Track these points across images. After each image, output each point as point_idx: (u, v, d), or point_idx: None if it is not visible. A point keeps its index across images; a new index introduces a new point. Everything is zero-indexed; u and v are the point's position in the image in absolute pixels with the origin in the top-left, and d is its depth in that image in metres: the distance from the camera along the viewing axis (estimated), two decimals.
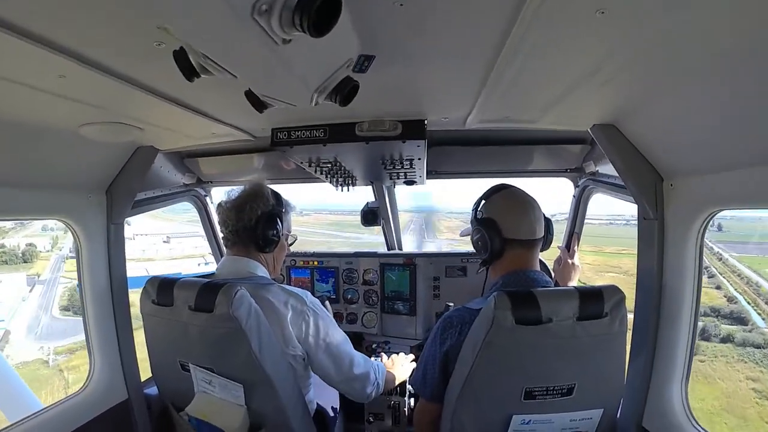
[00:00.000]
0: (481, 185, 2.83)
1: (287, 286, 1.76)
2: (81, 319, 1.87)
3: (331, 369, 1.76)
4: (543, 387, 1.38)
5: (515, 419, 1.42)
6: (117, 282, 1.90)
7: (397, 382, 2.22)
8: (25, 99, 1.18)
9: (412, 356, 2.39)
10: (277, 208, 1.82)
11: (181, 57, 0.91)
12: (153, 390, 2.00)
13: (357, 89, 1.12)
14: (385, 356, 2.42)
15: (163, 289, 1.59)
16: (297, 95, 1.06)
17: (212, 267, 2.50)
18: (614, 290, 1.38)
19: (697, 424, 1.47)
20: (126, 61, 1.04)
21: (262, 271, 1.80)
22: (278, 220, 1.79)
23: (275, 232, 1.78)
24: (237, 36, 0.75)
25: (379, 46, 1.05)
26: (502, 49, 1.02)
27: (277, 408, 1.60)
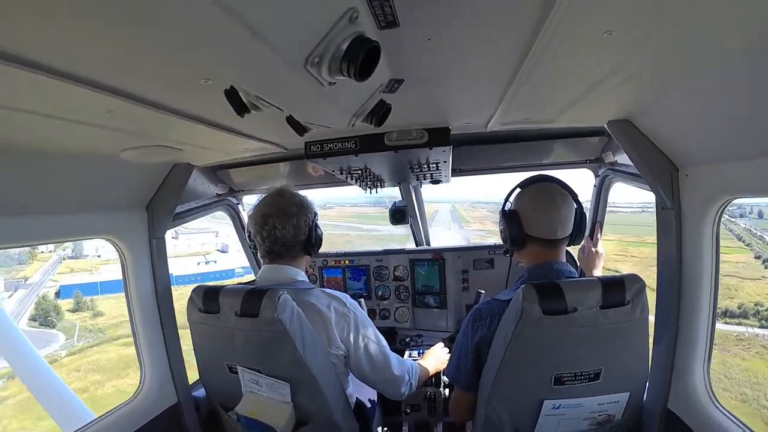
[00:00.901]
0: (504, 176, 2.94)
1: (328, 290, 1.86)
2: (47, 331, 1.94)
3: (367, 368, 1.85)
4: (571, 373, 1.46)
5: (546, 404, 1.49)
6: (162, 291, 1.99)
7: (432, 372, 2.31)
8: (73, 132, 1.24)
9: (446, 349, 2.45)
10: (316, 213, 1.93)
11: (232, 95, 0.98)
12: (200, 392, 2.11)
13: (390, 110, 1.20)
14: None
15: (208, 297, 1.68)
16: (337, 120, 1.15)
17: (212, 266, 2.60)
18: (635, 279, 1.44)
19: (720, 405, 1.53)
20: (170, 95, 1.10)
21: (302, 277, 1.90)
22: (317, 222, 1.92)
23: (320, 234, 1.92)
24: (289, 83, 0.84)
25: (408, 72, 1.13)
26: (522, 66, 1.08)
27: (322, 404, 1.70)
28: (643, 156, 1.63)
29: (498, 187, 2.78)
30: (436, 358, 2.39)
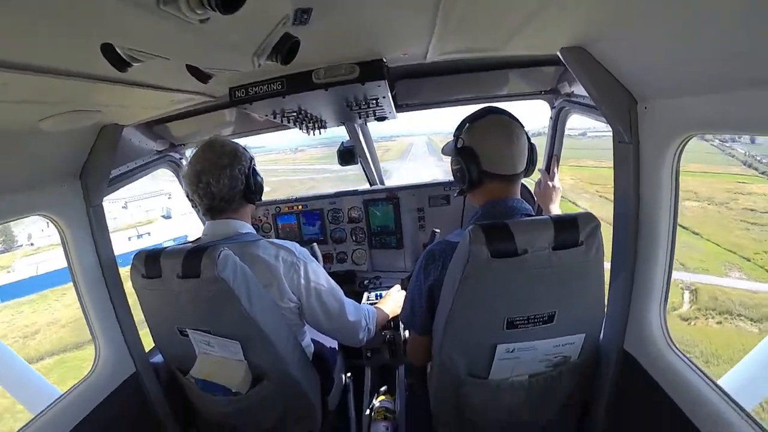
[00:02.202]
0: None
1: (276, 240, 1.80)
2: None
3: (322, 317, 1.83)
4: (524, 316, 1.42)
5: (500, 348, 1.48)
6: (106, 262, 1.92)
7: (390, 316, 2.32)
8: None
9: (403, 291, 2.45)
10: (252, 158, 1.84)
11: (108, 50, 0.87)
12: (159, 358, 2.10)
13: (298, 45, 1.07)
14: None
15: (150, 261, 1.62)
16: (236, 62, 1.03)
17: (146, 241, 2.50)
18: (589, 218, 1.37)
19: (675, 347, 1.52)
20: (68, 59, 1.00)
21: (247, 228, 1.83)
22: (255, 168, 1.84)
23: (259, 180, 1.85)
24: (152, 27, 0.72)
25: None
26: None
27: (276, 359, 1.68)
28: (599, 87, 1.52)
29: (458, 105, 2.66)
30: (393, 301, 2.39)
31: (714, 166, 26.00)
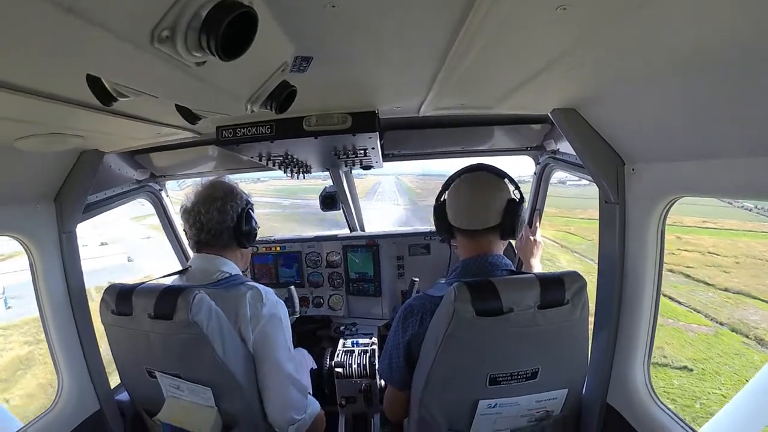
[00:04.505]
0: None
1: (259, 286, 1.73)
2: None
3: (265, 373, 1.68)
4: (507, 373, 1.41)
5: (481, 404, 1.45)
6: (75, 291, 1.83)
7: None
8: None
9: None
10: (249, 202, 1.82)
11: (94, 82, 0.83)
12: (124, 396, 1.98)
13: (295, 94, 1.06)
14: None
15: (121, 297, 1.55)
16: (228, 107, 1.00)
17: None
18: (575, 277, 1.39)
19: (660, 401, 1.52)
20: (51, 83, 0.95)
21: (234, 269, 1.78)
22: (252, 213, 1.81)
23: (254, 225, 1.81)
24: (143, 64, 0.68)
25: (315, 47, 0.99)
26: (455, 41, 0.96)
27: (248, 407, 1.62)
28: (588, 147, 1.57)
29: (448, 160, 2.68)
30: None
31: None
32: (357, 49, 1.04)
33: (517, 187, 1.66)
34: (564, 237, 22.84)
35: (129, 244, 23.90)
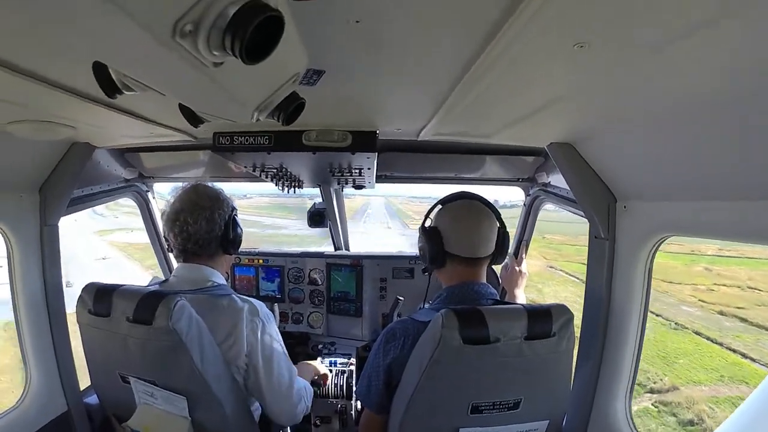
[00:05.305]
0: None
1: (253, 299, 1.71)
2: None
3: (263, 381, 1.68)
4: (489, 402, 1.40)
5: None
6: (52, 287, 1.77)
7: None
8: None
9: (313, 364, 2.36)
10: (234, 207, 1.79)
11: (100, 72, 0.81)
12: (94, 399, 1.91)
13: (303, 107, 1.04)
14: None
15: (100, 297, 1.49)
16: (235, 113, 0.98)
17: None
18: (563, 309, 1.39)
19: None
20: (51, 69, 0.93)
21: (219, 278, 1.74)
22: (237, 219, 1.77)
23: (239, 232, 1.78)
24: (159, 58, 0.65)
25: (330, 61, 0.99)
26: (470, 69, 0.97)
27: (222, 420, 1.56)
28: (582, 182, 1.60)
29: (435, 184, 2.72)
30: (308, 372, 2.26)
31: None
32: (370, 68, 1.04)
33: (499, 217, 1.69)
34: (579, 269, 18.09)
35: (77, 265, 19.59)
